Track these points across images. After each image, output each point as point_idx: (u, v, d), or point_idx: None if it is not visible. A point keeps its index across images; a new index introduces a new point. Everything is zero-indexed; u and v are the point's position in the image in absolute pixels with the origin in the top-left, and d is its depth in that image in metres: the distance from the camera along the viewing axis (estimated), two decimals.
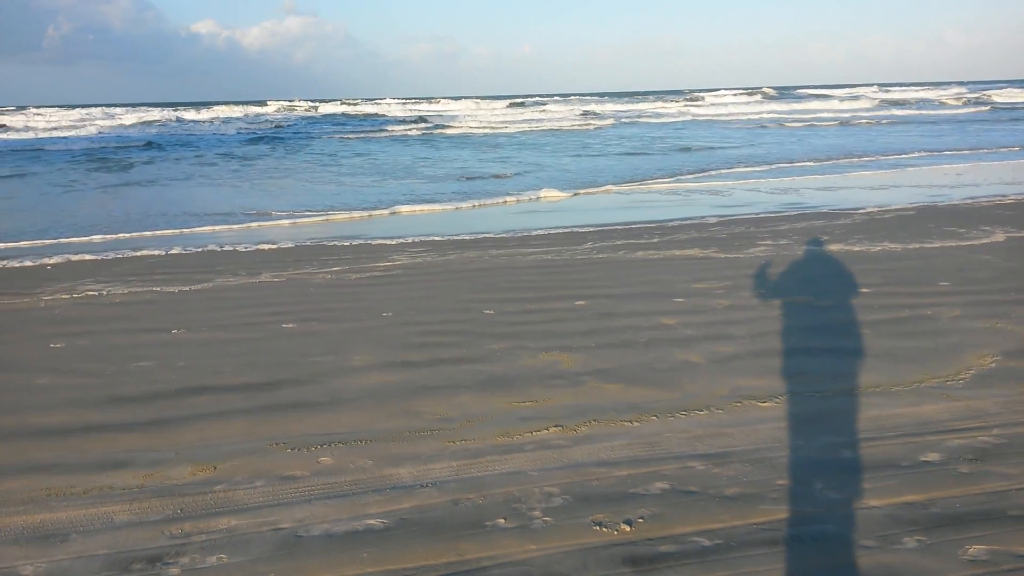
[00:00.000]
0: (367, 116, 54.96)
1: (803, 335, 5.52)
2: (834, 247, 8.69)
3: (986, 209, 11.29)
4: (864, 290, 6.71)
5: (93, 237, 10.99)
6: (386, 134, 37.29)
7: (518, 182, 16.90)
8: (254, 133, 37.70)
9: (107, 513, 3.32)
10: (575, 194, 15.08)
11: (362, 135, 36.68)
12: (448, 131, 38.04)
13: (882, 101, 56.01)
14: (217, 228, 11.75)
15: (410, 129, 39.29)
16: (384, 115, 55.33)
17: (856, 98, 62.23)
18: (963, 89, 75.98)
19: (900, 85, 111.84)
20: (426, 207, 13.63)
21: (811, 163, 19.71)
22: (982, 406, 4.24)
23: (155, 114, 53.93)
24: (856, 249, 8.53)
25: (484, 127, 40.24)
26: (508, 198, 14.52)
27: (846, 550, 2.93)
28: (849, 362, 4.96)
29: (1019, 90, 68.30)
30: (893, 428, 3.98)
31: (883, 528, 3.06)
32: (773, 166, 19.09)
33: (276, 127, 43.45)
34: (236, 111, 58.49)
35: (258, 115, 55.71)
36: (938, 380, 4.63)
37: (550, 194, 14.89)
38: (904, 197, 13.15)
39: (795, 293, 6.73)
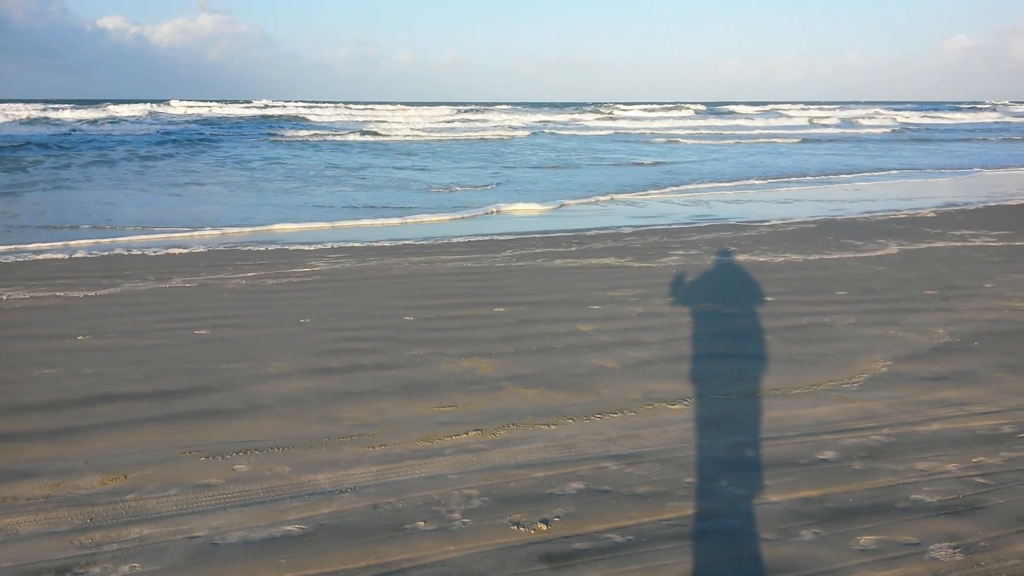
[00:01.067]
0: (286, 118, 53.57)
1: (710, 341, 5.77)
2: (740, 257, 9.07)
3: (881, 223, 11.97)
4: (767, 298, 7.04)
5: None
6: (328, 138, 36.17)
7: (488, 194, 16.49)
8: (162, 134, 36.19)
9: (12, 524, 3.21)
10: (561, 205, 14.76)
11: (276, 138, 35.69)
12: (381, 138, 37.08)
13: (812, 120, 57.80)
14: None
15: (350, 135, 38.02)
16: (304, 118, 54.07)
17: (779, 116, 64.10)
18: (877, 109, 79.24)
19: (815, 103, 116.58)
20: (378, 221, 13.10)
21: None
22: (874, 407, 4.53)
23: (63, 112, 51.13)
24: (761, 259, 8.92)
25: (416, 135, 39.47)
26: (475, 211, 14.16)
27: (749, 543, 3.10)
28: (752, 366, 5.22)
29: (914, 112, 72.13)
30: (792, 428, 4.22)
31: (783, 522, 3.25)
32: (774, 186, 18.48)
33: (199, 124, 42.09)
34: (138, 110, 56.00)
35: (165, 115, 53.47)
36: (834, 383, 4.92)
37: (528, 207, 14.30)
38: (806, 211, 13.81)
39: (704, 301, 7.00)
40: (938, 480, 3.60)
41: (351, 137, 36.82)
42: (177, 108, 62.43)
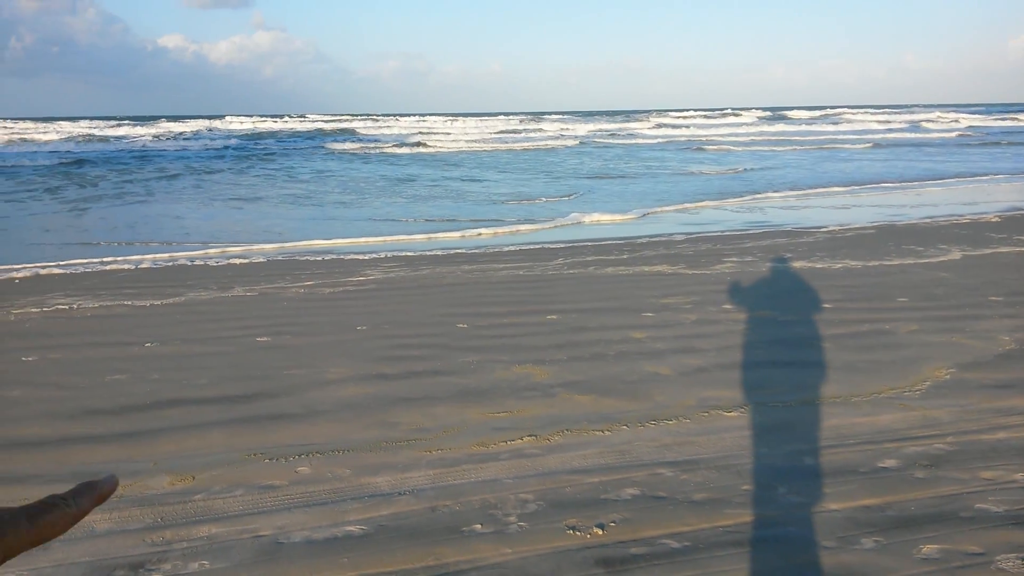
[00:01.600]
0: (343, 132, 54.44)
1: (767, 348, 5.71)
2: (797, 264, 8.94)
3: (943, 228, 11.67)
4: (826, 305, 6.93)
5: (63, 253, 10.89)
6: (377, 150, 36.65)
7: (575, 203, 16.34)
8: (218, 150, 37.06)
9: (88, 522, 3.36)
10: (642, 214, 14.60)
11: (354, 150, 36.23)
12: (428, 150, 37.32)
13: (881, 123, 56.02)
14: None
15: (399, 147, 38.35)
16: (354, 131, 54.92)
17: (838, 121, 62.42)
18: (938, 113, 76.52)
19: (869, 107, 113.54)
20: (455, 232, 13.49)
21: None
22: (937, 415, 4.43)
23: (123, 129, 53.02)
24: (818, 266, 8.78)
25: (466, 146, 39.54)
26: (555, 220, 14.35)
27: (808, 551, 3.07)
28: (811, 374, 5.14)
29: (980, 116, 69.61)
30: (852, 436, 4.15)
31: (842, 530, 3.21)
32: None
33: (254, 139, 43.14)
34: (194, 125, 57.68)
35: (221, 131, 54.82)
36: (895, 391, 4.83)
37: (610, 217, 13.94)
38: (865, 216, 13.54)
39: (759, 308, 6.93)
40: (1004, 489, 3.51)
41: (401, 150, 37.12)
42: (232, 124, 64.11)
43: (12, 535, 0.60)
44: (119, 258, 10.23)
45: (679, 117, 77.55)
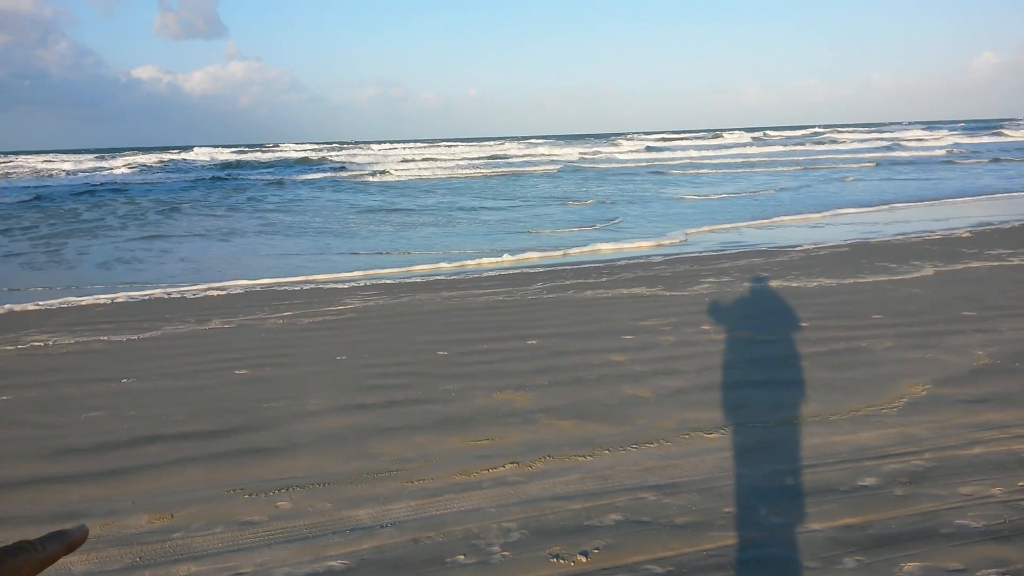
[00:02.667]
0: (309, 161, 53.96)
1: (745, 368, 5.75)
2: (774, 283, 9.03)
3: (915, 244, 11.84)
4: (802, 324, 7.00)
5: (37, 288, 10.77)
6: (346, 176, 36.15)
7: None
8: (187, 182, 36.59)
9: (65, 564, 3.30)
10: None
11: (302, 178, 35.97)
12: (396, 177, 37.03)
13: (890, 142, 55.57)
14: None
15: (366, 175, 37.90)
16: (326, 159, 54.46)
17: (827, 141, 62.21)
18: (918, 131, 76.86)
19: (841, 126, 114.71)
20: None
21: None
22: (915, 432, 4.48)
23: (90, 162, 52.46)
24: (794, 284, 8.87)
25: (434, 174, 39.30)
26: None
27: (791, 572, 3.08)
28: (789, 393, 5.18)
29: (959, 134, 70.01)
30: (831, 455, 4.18)
31: (824, 550, 3.23)
32: None
33: (227, 169, 42.81)
34: (165, 157, 56.99)
35: (190, 163, 54.05)
36: (873, 408, 4.87)
37: (639, 244, 13.43)
38: (839, 234, 13.71)
39: (737, 328, 6.98)
40: (983, 504, 3.55)
41: (372, 179, 36.44)
42: (200, 155, 63.21)
43: None
44: (95, 293, 10.13)
45: (661, 140, 77.78)
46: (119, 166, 48.72)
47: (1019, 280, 8.63)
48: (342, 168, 43.55)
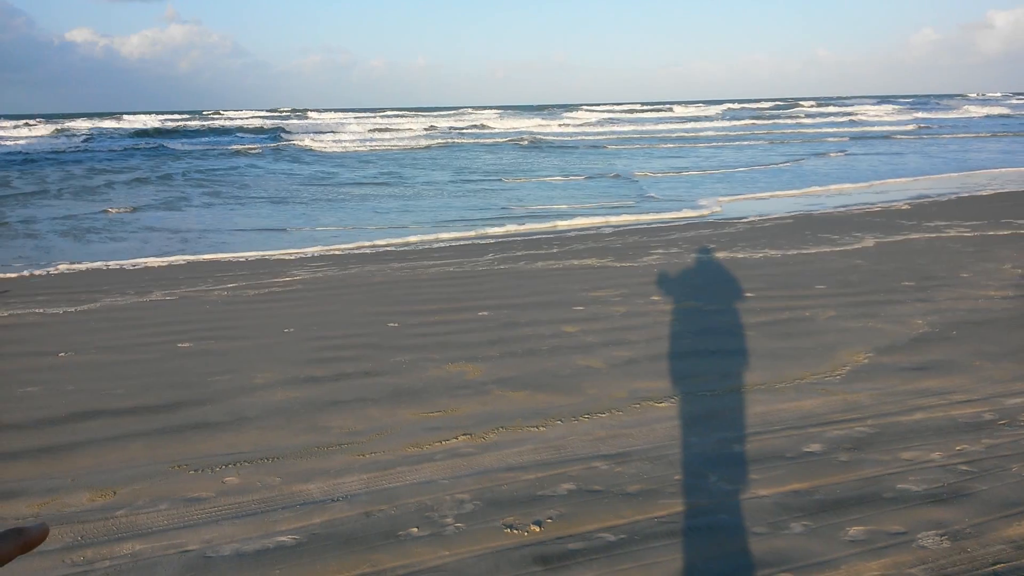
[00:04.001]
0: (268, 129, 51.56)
1: (694, 338, 5.82)
2: (720, 254, 9.15)
3: (857, 216, 12.12)
4: (748, 294, 7.11)
5: None
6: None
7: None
8: (118, 152, 34.99)
9: None
10: None
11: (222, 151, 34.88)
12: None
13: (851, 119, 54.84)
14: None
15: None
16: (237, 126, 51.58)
17: (791, 115, 61.49)
18: (865, 106, 76.79)
19: (791, 99, 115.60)
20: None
21: None
22: (857, 399, 4.59)
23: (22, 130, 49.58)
24: (740, 256, 9.01)
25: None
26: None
27: (740, 537, 3.14)
28: (736, 362, 5.27)
29: (904, 109, 70.62)
30: (778, 422, 4.27)
31: (772, 515, 3.29)
32: None
33: (163, 137, 41.05)
34: (101, 124, 53.93)
35: (123, 130, 50.53)
36: (817, 376, 4.98)
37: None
38: (783, 206, 13.95)
39: (685, 299, 7.06)
40: (923, 469, 3.66)
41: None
42: (134, 122, 59.70)
43: None
44: (31, 265, 9.75)
45: (627, 112, 76.62)
46: (48, 133, 46.22)
47: (956, 251, 8.91)
48: (279, 136, 41.94)
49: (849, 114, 59.67)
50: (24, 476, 3.82)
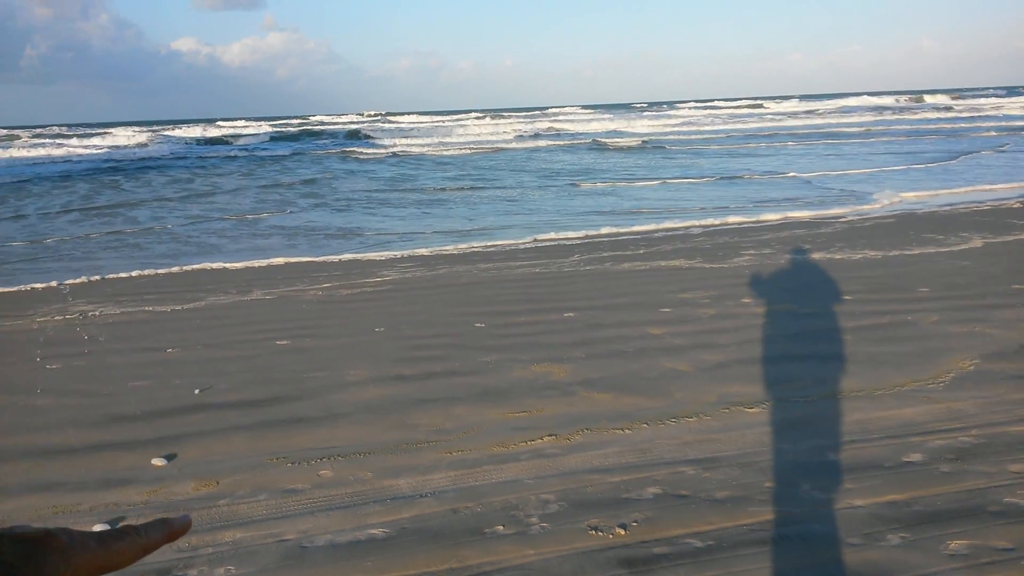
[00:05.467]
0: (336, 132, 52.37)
1: (787, 342, 5.67)
2: (816, 255, 8.87)
3: (963, 215, 11.53)
4: (846, 297, 6.87)
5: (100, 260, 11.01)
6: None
7: None
8: (223, 158, 36.52)
9: None
10: None
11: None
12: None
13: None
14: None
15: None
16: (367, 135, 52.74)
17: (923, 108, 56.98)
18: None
19: (888, 93, 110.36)
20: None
21: None
22: (961, 407, 4.38)
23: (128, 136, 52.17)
24: (837, 257, 8.71)
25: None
26: None
27: (832, 548, 3.05)
28: (832, 367, 5.10)
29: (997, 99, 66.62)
30: (876, 430, 4.12)
31: (867, 526, 3.19)
32: None
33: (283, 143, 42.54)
34: (198, 130, 55.59)
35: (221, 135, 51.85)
36: (919, 383, 4.78)
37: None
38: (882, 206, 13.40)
39: (779, 301, 6.88)
40: None
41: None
42: (225, 128, 60.62)
43: (81, 558, 0.61)
44: (142, 266, 10.33)
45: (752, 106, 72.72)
46: (152, 142, 48.06)
47: None
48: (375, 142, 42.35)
49: (976, 108, 54.60)
50: (135, 465, 4.07)
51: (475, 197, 17.25)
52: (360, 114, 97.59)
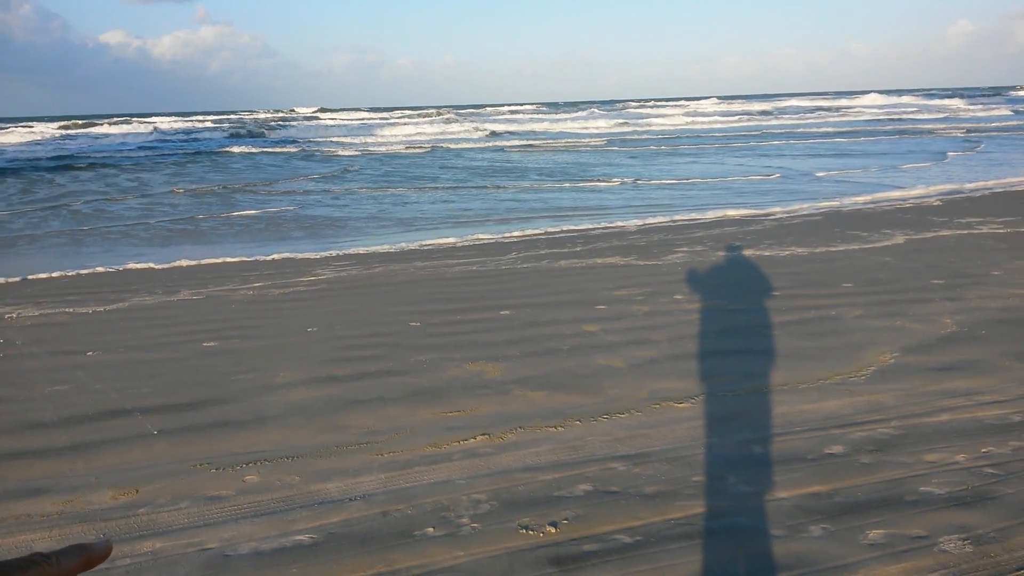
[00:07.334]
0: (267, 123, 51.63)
1: (717, 338, 5.76)
2: (746, 252, 9.05)
3: (887, 213, 11.93)
4: (774, 293, 7.03)
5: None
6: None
7: None
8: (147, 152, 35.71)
9: (26, 541, 3.24)
10: None
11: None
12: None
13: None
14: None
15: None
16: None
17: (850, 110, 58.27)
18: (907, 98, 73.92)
19: (815, 94, 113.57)
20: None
21: None
22: (882, 400, 4.52)
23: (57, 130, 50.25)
24: (766, 254, 8.90)
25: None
26: None
27: (758, 540, 3.10)
28: (759, 362, 5.21)
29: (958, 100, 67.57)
30: (800, 423, 4.22)
31: (791, 518, 3.25)
32: None
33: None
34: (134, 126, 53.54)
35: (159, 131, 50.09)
36: (841, 376, 4.91)
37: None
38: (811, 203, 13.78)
39: (709, 297, 7.00)
40: (947, 472, 3.59)
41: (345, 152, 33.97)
42: (163, 124, 58.28)
43: None
44: (63, 266, 9.93)
45: (655, 106, 73.79)
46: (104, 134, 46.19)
47: (987, 248, 8.73)
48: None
49: (938, 108, 55.72)
50: (50, 473, 3.90)
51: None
52: (292, 110, 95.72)
